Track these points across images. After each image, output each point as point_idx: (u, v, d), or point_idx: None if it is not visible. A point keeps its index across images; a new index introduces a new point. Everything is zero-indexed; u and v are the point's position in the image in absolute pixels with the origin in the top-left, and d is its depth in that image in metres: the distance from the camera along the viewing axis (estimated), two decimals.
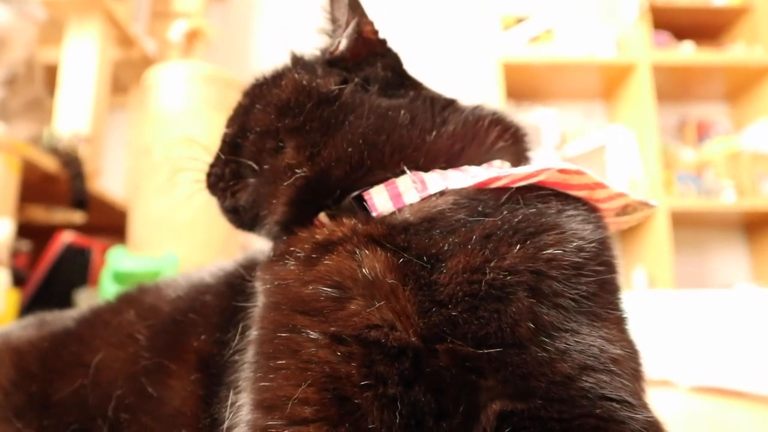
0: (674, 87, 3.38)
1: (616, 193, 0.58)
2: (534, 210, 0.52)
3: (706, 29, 3.48)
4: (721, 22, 3.47)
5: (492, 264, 0.48)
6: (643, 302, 2.14)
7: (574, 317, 0.48)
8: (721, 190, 3.05)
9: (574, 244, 0.50)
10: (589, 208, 0.56)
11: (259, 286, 0.57)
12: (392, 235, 0.52)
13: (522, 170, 0.54)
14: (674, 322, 2.02)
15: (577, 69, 3.23)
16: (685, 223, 3.20)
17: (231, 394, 0.54)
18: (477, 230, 0.50)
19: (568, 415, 0.44)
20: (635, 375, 0.50)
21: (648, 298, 2.18)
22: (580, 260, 0.50)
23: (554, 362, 0.45)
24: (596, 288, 0.50)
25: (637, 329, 0.54)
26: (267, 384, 0.48)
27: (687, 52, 3.21)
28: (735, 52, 3.23)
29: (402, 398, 0.45)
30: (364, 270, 0.49)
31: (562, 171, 0.54)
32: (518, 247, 0.49)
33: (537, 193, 0.54)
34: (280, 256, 0.56)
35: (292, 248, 0.55)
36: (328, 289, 0.50)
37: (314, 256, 0.53)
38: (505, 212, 0.52)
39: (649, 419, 0.46)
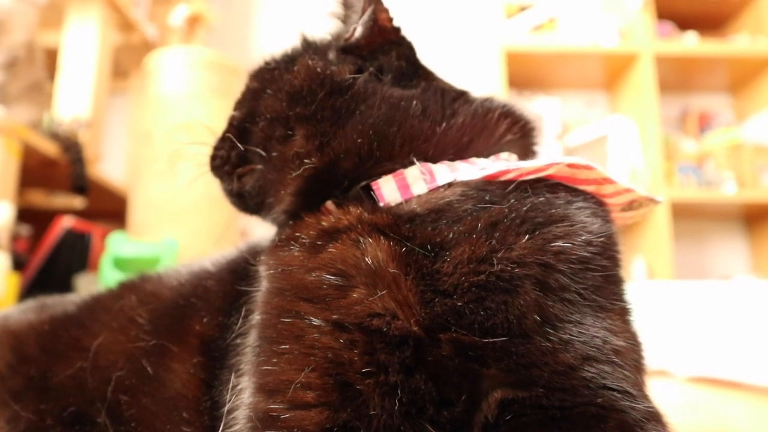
0: (677, 77, 3.36)
1: (624, 188, 0.58)
2: (542, 199, 0.52)
3: (709, 20, 3.46)
4: (725, 13, 3.45)
5: (500, 254, 0.48)
6: (642, 293, 2.14)
7: (579, 309, 0.48)
8: (721, 181, 3.04)
9: (583, 237, 0.50)
10: (597, 201, 0.56)
11: (263, 271, 0.57)
12: (397, 224, 0.52)
13: (531, 164, 0.54)
14: (673, 312, 2.03)
15: (579, 58, 3.22)
16: (686, 215, 3.19)
17: (233, 377, 0.55)
18: (483, 218, 0.50)
19: (569, 403, 0.45)
20: (637, 366, 0.50)
21: (647, 288, 2.19)
22: (587, 254, 0.50)
23: (557, 352, 0.45)
24: (602, 281, 0.50)
25: (635, 319, 0.54)
26: (269, 368, 0.49)
27: (690, 43, 3.19)
28: (738, 43, 3.21)
29: (403, 386, 0.45)
30: (366, 259, 0.50)
31: (571, 165, 0.54)
32: (526, 237, 0.49)
33: (545, 183, 0.54)
34: (285, 241, 0.56)
35: (297, 234, 0.56)
36: (331, 277, 0.50)
37: (319, 243, 0.53)
38: (513, 200, 0.52)
39: (649, 409, 0.46)
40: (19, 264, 2.08)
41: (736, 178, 3.04)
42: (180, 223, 2.10)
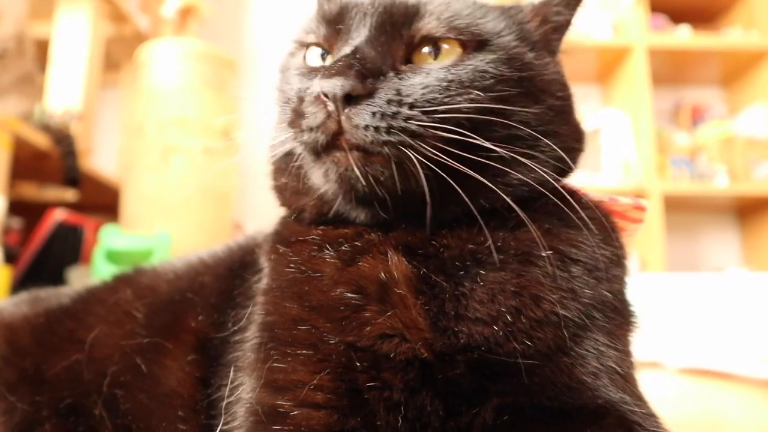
0: (670, 71, 3.37)
1: (639, 228, 0.64)
2: (609, 252, 0.55)
3: (702, 13, 3.47)
4: (718, 6, 3.45)
5: (566, 301, 0.50)
6: (635, 285, 2.14)
7: (598, 327, 0.51)
8: (714, 174, 3.05)
9: (617, 290, 0.55)
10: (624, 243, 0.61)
11: (277, 265, 0.56)
12: (431, 240, 0.52)
13: (624, 201, 0.60)
14: (665, 304, 2.04)
15: (572, 51, 3.21)
16: (678, 207, 3.21)
17: (231, 371, 0.55)
18: (560, 248, 0.52)
19: (570, 406, 0.47)
20: (635, 382, 0.53)
21: (640, 281, 2.20)
22: (618, 303, 0.54)
23: (573, 368, 0.48)
24: (618, 309, 0.54)
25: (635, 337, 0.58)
26: (281, 366, 0.49)
27: (683, 36, 3.19)
28: (731, 36, 3.21)
29: (407, 403, 0.47)
30: (382, 274, 0.50)
31: (636, 207, 0.61)
32: (590, 291, 0.51)
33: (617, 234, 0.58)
34: (320, 240, 0.55)
35: (340, 239, 0.54)
36: (352, 295, 0.50)
37: (357, 256, 0.52)
38: (600, 238, 0.55)
39: (647, 413, 0.49)
40: (10, 257, 2.06)
41: (728, 171, 3.05)
42: (173, 216, 2.09)
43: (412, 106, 0.49)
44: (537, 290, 0.49)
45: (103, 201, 2.60)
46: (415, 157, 0.48)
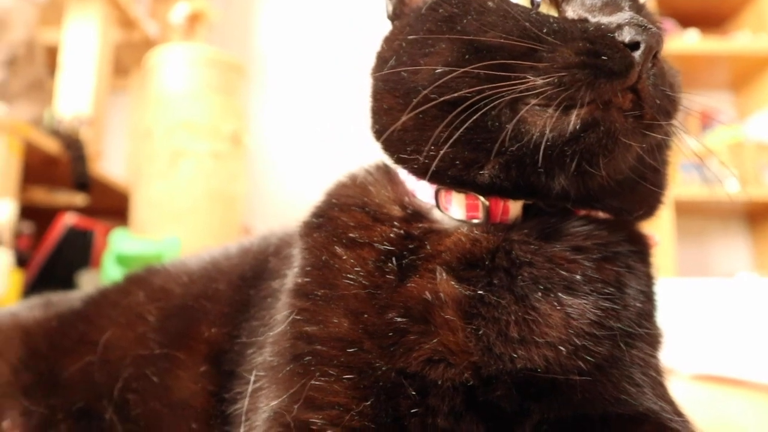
0: None
1: None
2: (644, 269, 0.55)
3: (711, 17, 3.45)
4: (727, 11, 3.44)
5: (622, 314, 0.49)
6: None
7: (641, 338, 0.51)
8: (724, 179, 3.04)
9: (656, 305, 0.55)
10: None
11: (333, 266, 0.52)
12: (497, 252, 0.49)
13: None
14: (676, 310, 2.02)
15: None
16: (688, 212, 3.19)
17: (252, 377, 0.53)
18: (624, 273, 0.52)
19: (611, 414, 0.47)
20: (669, 390, 0.53)
21: None
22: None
23: (621, 379, 0.47)
24: (656, 322, 0.54)
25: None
26: (320, 384, 0.47)
27: (692, 40, 3.18)
28: (740, 40, 3.20)
29: (453, 430, 0.46)
30: (427, 294, 0.48)
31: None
32: (639, 304, 0.51)
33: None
34: (389, 248, 0.51)
35: (404, 252, 0.51)
36: (400, 319, 0.48)
37: (410, 274, 0.50)
38: (640, 265, 0.54)
39: (685, 420, 0.50)
40: (22, 261, 2.08)
41: (739, 176, 3.04)
42: (182, 220, 2.10)
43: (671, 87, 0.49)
44: (606, 314, 0.48)
45: (112, 205, 2.61)
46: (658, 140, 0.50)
